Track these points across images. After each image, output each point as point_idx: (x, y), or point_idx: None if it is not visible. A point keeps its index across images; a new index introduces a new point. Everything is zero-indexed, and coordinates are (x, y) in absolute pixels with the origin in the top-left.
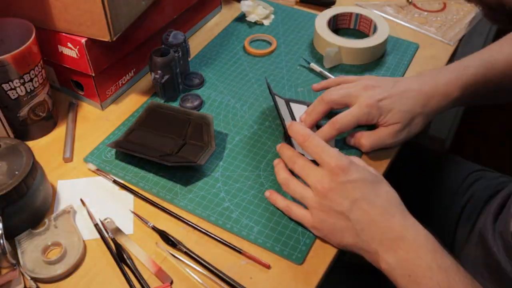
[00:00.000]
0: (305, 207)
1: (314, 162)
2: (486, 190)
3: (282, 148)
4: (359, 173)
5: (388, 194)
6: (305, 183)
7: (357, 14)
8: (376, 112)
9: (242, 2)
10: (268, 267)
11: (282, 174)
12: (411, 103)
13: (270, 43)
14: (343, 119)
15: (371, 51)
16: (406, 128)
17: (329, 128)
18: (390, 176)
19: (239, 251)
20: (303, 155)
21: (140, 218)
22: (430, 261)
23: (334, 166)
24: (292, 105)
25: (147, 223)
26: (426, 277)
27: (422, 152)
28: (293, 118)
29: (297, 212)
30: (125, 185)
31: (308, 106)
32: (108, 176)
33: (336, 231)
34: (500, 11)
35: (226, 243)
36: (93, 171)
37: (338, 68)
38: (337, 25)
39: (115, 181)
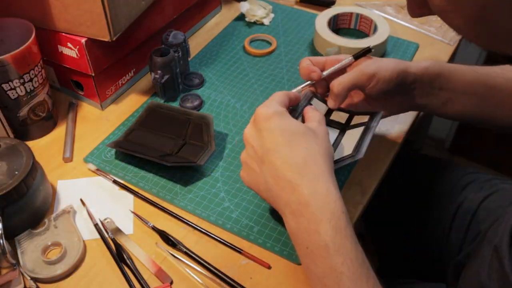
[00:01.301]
0: None
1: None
2: (479, 193)
3: None
4: (281, 122)
5: (307, 151)
6: None
7: (357, 14)
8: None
9: (241, 3)
10: (268, 267)
11: None
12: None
13: (270, 43)
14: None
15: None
16: (376, 64)
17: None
18: (386, 183)
19: (239, 251)
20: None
21: (140, 218)
22: (329, 240)
23: (257, 113)
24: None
25: (147, 223)
26: (321, 256)
27: (417, 159)
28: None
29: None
30: (125, 185)
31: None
32: (108, 176)
33: (255, 181)
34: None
35: (226, 243)
36: (93, 171)
37: None
38: (338, 25)
39: (115, 181)
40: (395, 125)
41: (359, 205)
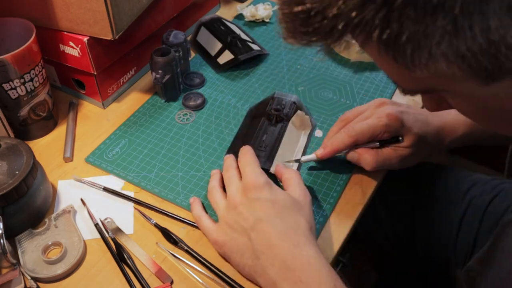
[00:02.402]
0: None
1: None
2: (482, 196)
3: (227, 157)
4: (272, 194)
5: (296, 222)
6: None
7: None
8: (396, 124)
9: (239, 6)
10: None
11: (212, 183)
12: (425, 130)
13: None
14: (359, 127)
15: None
16: (414, 156)
17: (343, 135)
18: (384, 192)
19: None
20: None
21: (143, 215)
22: None
23: (249, 182)
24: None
25: (149, 220)
26: None
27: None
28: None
29: (205, 223)
30: (120, 193)
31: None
32: (95, 185)
33: (237, 248)
34: None
35: None
36: (77, 180)
37: (345, 65)
38: None
39: (105, 189)
40: None
41: (359, 206)
